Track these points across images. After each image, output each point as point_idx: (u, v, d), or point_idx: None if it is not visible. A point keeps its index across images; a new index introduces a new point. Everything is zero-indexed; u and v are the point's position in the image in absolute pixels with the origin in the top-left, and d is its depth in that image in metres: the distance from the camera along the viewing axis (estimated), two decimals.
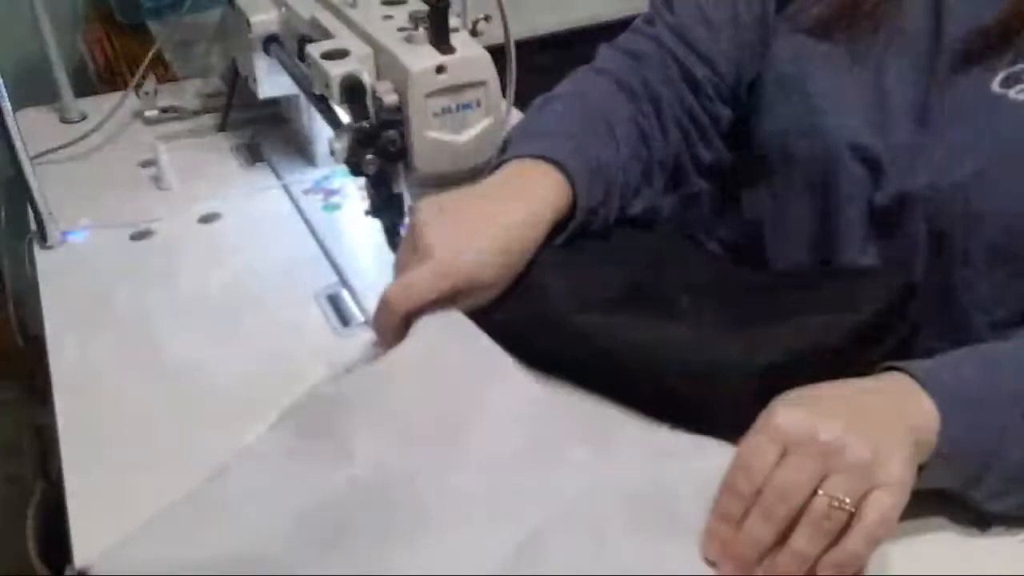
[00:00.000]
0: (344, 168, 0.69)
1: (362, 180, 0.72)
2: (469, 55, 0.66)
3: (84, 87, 1.30)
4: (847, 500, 0.47)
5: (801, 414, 0.50)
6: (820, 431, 0.48)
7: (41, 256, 0.85)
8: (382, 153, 0.67)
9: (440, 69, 0.65)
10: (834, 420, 0.49)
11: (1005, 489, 0.53)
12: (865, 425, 0.49)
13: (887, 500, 0.47)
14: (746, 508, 0.49)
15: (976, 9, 0.64)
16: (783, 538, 0.48)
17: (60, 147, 1.01)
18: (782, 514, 0.48)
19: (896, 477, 0.48)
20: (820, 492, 0.47)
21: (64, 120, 1.09)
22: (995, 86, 0.63)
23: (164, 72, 1.22)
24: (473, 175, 0.71)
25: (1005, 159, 0.61)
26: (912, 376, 0.52)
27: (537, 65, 0.67)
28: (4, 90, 0.79)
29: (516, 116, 0.74)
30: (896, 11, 0.68)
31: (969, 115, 0.63)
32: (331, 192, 0.93)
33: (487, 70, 0.67)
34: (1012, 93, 0.62)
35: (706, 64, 0.74)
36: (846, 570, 0.47)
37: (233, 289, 0.79)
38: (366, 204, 0.75)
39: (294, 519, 0.51)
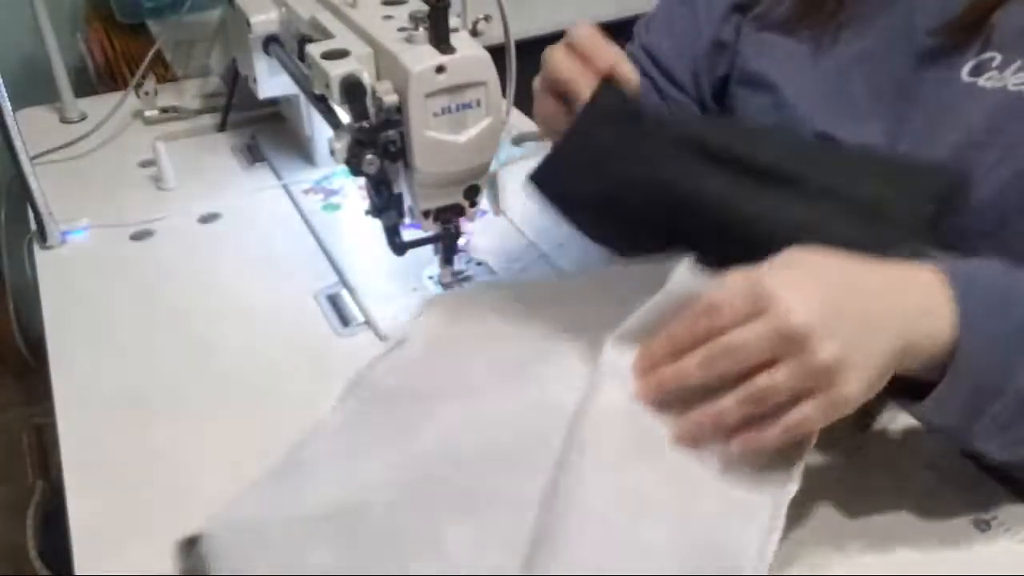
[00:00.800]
0: (344, 168, 0.69)
1: (362, 180, 0.72)
2: (469, 55, 0.66)
3: (84, 87, 1.30)
4: (784, 392, 0.46)
5: (788, 287, 0.47)
6: (795, 314, 0.46)
7: (41, 256, 0.85)
8: (382, 153, 0.67)
9: (440, 69, 0.65)
10: (814, 307, 0.46)
11: (1008, 422, 0.50)
12: (846, 324, 0.47)
13: (815, 413, 0.47)
14: (692, 345, 0.49)
15: None
16: (706, 392, 0.48)
17: (60, 147, 1.01)
18: (720, 369, 0.48)
19: (843, 395, 0.46)
20: (766, 372, 0.47)
21: (64, 120, 1.09)
22: (964, 75, 0.64)
23: (164, 72, 1.22)
24: (474, 175, 0.71)
25: (975, 147, 0.62)
26: (944, 276, 0.50)
27: (537, 65, 0.67)
28: (4, 90, 0.79)
29: (516, 116, 0.74)
30: (863, 4, 0.69)
31: (939, 104, 0.64)
32: (331, 192, 0.93)
33: (487, 70, 0.67)
34: (981, 81, 0.63)
35: (667, 77, 0.80)
36: (746, 450, 0.48)
37: (232, 289, 0.79)
38: (366, 204, 0.75)
39: (385, 469, 0.53)
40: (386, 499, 0.53)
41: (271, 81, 0.92)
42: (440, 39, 0.65)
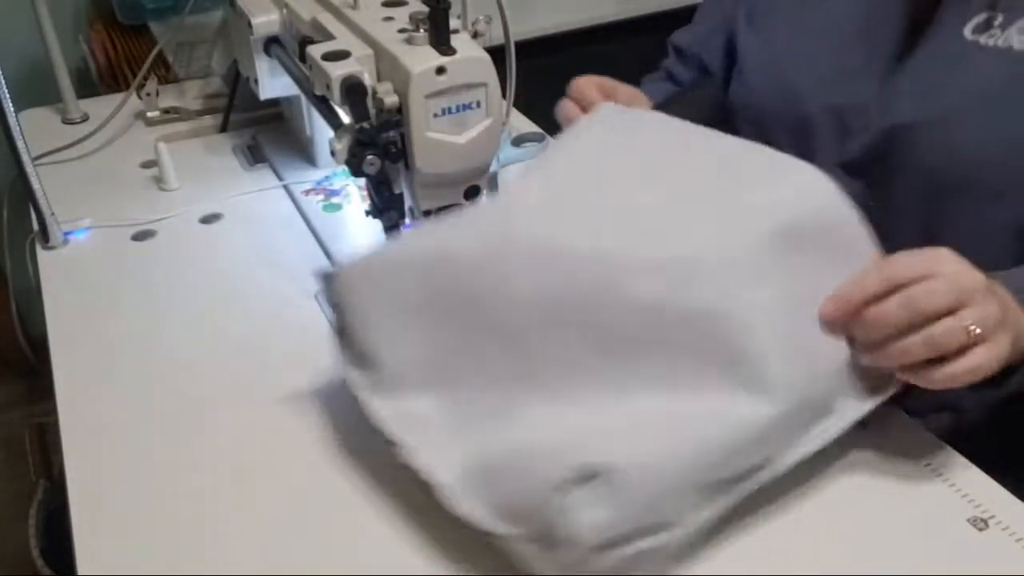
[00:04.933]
0: (345, 169, 0.69)
1: (363, 181, 0.72)
2: (469, 56, 0.66)
3: (86, 88, 1.30)
4: (974, 329, 0.51)
5: (965, 265, 0.54)
6: (972, 280, 0.53)
7: (43, 256, 0.85)
8: (383, 154, 0.67)
9: (440, 70, 0.65)
10: (977, 275, 0.54)
11: None
12: (998, 294, 0.54)
13: (987, 355, 0.52)
14: (885, 293, 0.54)
15: None
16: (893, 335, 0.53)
17: (62, 148, 1.01)
18: (918, 307, 0.52)
19: (1002, 345, 0.53)
20: (950, 316, 0.52)
21: (66, 121, 1.10)
22: (967, 32, 0.67)
23: (166, 73, 1.22)
24: (474, 175, 0.71)
25: (975, 101, 0.65)
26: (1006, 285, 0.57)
27: (537, 66, 0.67)
28: (6, 91, 0.79)
29: (516, 117, 0.74)
30: None
31: (941, 60, 0.67)
32: (332, 192, 0.93)
33: (487, 71, 0.67)
34: (983, 39, 0.66)
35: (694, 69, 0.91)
36: (928, 384, 0.53)
37: (233, 289, 0.80)
38: (367, 205, 0.75)
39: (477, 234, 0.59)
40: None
41: (272, 82, 0.93)
42: (440, 40, 0.66)
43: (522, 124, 1.02)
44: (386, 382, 0.58)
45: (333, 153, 0.68)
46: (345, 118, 0.71)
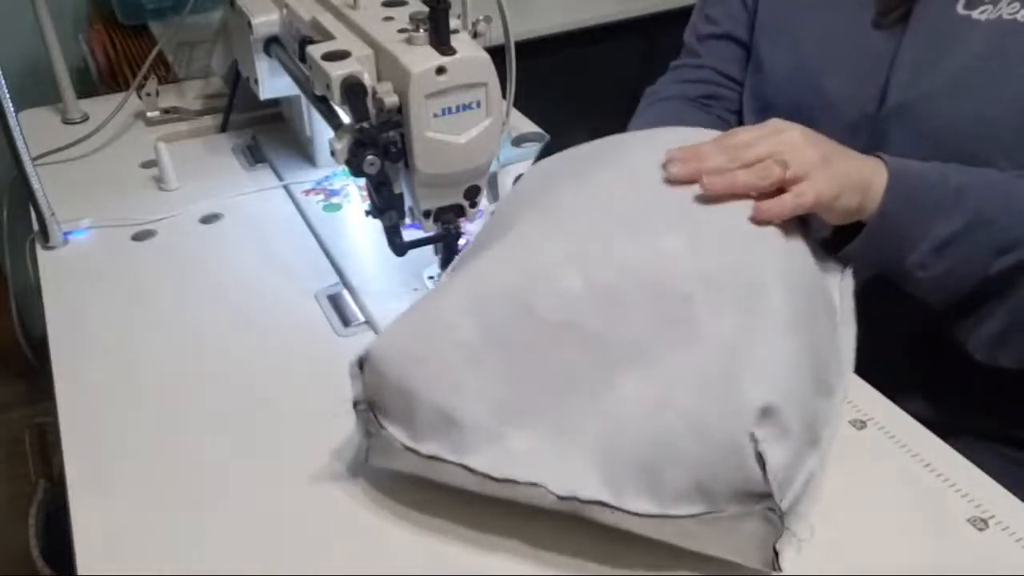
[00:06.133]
0: (345, 169, 0.69)
1: (362, 181, 0.72)
2: (469, 56, 0.66)
3: (86, 88, 1.30)
4: (786, 167, 0.60)
5: (793, 125, 0.64)
6: (798, 132, 0.63)
7: (43, 256, 0.85)
8: (383, 154, 0.67)
9: (440, 70, 0.65)
10: (810, 134, 0.63)
11: (932, 261, 0.64)
12: (828, 152, 0.63)
13: (808, 186, 0.61)
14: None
15: None
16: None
17: (62, 148, 1.01)
18: (737, 154, 0.62)
19: (820, 184, 0.61)
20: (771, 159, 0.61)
21: (66, 121, 1.10)
22: (960, 8, 0.70)
23: (166, 73, 1.22)
24: (474, 175, 0.71)
25: (976, 70, 0.68)
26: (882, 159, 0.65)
27: (537, 66, 0.67)
28: (6, 91, 0.79)
29: (516, 117, 0.74)
30: None
31: (936, 35, 0.70)
32: (332, 192, 0.93)
33: (487, 71, 0.67)
34: (975, 14, 0.69)
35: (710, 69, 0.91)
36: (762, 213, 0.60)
37: (234, 289, 0.80)
38: (366, 205, 0.75)
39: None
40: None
41: (272, 82, 0.93)
42: (440, 40, 0.66)
43: (522, 124, 1.02)
44: (468, 437, 0.53)
45: (333, 153, 0.68)
46: (345, 118, 0.71)
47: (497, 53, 0.71)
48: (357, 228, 0.87)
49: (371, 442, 0.57)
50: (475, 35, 0.70)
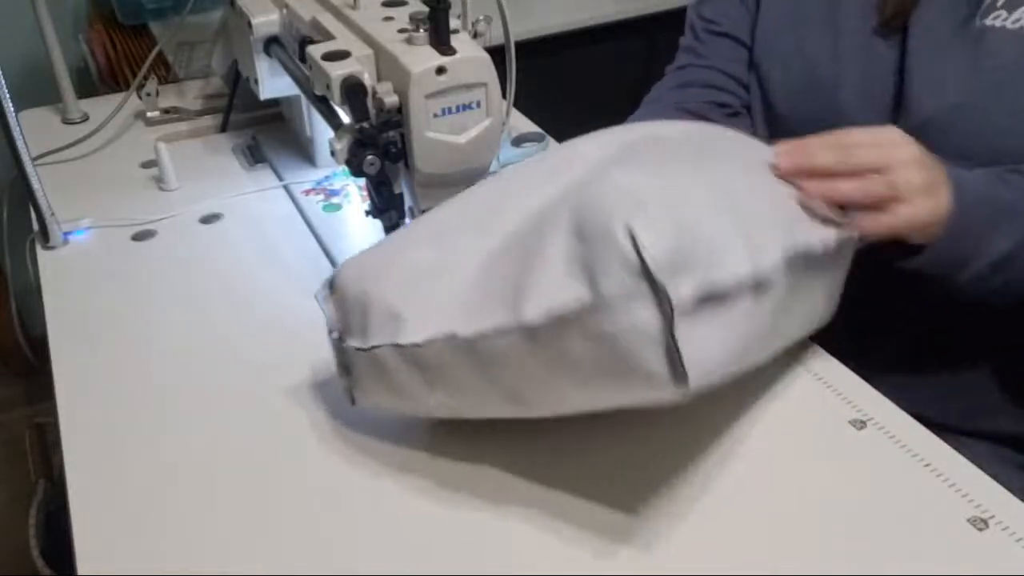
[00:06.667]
0: (345, 169, 0.69)
1: (363, 181, 0.72)
2: (469, 56, 0.66)
3: (86, 88, 1.30)
4: (891, 187, 0.59)
5: (909, 140, 0.61)
6: (908, 147, 0.60)
7: (43, 256, 0.85)
8: (383, 154, 0.67)
9: (440, 70, 0.65)
10: (923, 156, 0.60)
11: (988, 274, 0.63)
12: (934, 181, 0.61)
13: (908, 211, 0.59)
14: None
15: None
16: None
17: (62, 148, 1.01)
18: (847, 156, 0.59)
19: (920, 213, 0.60)
20: (879, 174, 0.59)
21: (66, 121, 1.10)
22: (978, 18, 0.68)
23: (166, 73, 1.22)
24: (474, 175, 0.71)
25: (985, 85, 0.68)
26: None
27: (537, 66, 0.67)
28: (6, 91, 0.79)
29: (516, 117, 0.74)
30: None
31: (949, 45, 0.69)
32: (332, 193, 0.93)
33: (487, 71, 0.67)
34: (988, 21, 0.68)
35: (714, 70, 0.88)
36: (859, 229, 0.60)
37: (234, 289, 0.80)
38: (367, 205, 0.75)
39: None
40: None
41: (272, 82, 0.93)
42: (440, 40, 0.66)
43: (522, 124, 1.02)
44: (409, 326, 0.55)
45: (333, 153, 0.68)
46: (345, 118, 0.71)
47: (497, 53, 0.71)
48: (357, 228, 0.87)
49: (350, 381, 0.59)
50: (475, 35, 0.70)
